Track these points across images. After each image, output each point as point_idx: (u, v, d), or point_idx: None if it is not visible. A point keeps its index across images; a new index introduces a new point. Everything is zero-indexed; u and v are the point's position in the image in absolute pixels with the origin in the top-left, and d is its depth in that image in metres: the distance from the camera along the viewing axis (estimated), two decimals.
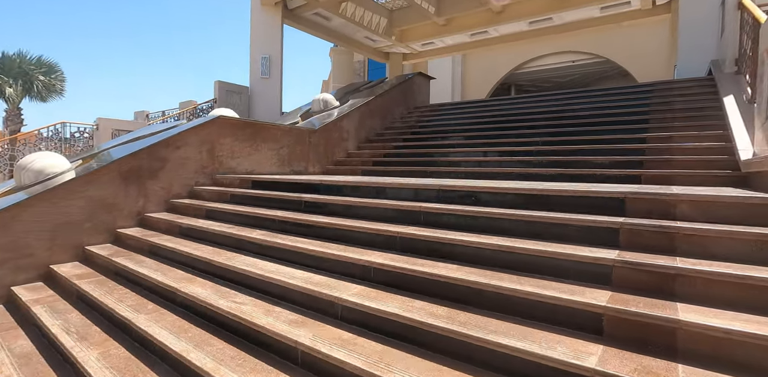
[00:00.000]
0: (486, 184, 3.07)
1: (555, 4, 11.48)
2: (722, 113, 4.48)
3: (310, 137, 6.07)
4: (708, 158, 3.85)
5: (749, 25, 4.49)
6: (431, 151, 5.83)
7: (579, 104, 6.05)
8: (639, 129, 4.77)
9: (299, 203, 3.64)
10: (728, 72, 5.07)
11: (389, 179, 3.84)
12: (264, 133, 5.48)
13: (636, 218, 2.20)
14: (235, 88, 11.76)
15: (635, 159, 4.17)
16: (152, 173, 4.42)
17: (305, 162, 6.03)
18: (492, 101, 7.68)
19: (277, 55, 12.02)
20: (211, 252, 3.20)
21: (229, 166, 5.11)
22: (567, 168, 4.37)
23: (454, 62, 18.94)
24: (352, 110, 6.78)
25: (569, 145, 4.87)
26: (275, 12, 12.05)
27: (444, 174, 5.05)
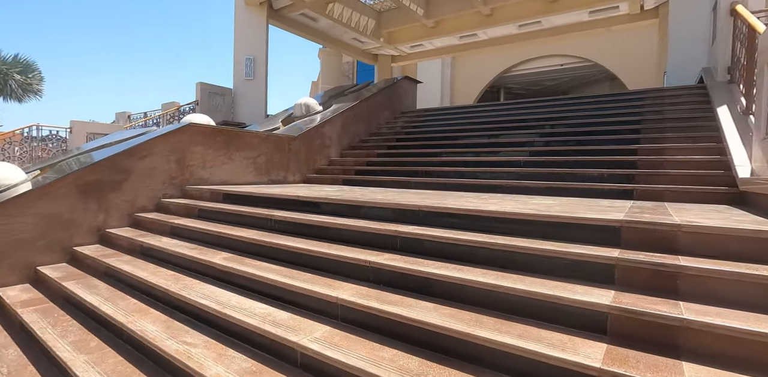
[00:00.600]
0: (469, 205, 2.82)
1: (544, 8, 11.32)
2: (716, 124, 4.30)
3: (290, 144, 5.78)
4: (703, 173, 3.65)
5: (743, 34, 4.32)
6: (416, 160, 5.57)
7: (569, 112, 5.84)
8: (631, 140, 4.57)
9: (269, 222, 3.35)
10: (721, 81, 4.90)
11: (367, 196, 3.57)
12: (239, 141, 5.17)
13: (633, 252, 1.96)
14: (218, 89, 11.39)
15: (627, 172, 3.96)
16: (115, 185, 4.09)
17: (284, 171, 5.73)
18: (480, 107, 7.47)
19: (261, 56, 11.68)
20: (170, 278, 2.90)
21: (201, 176, 4.79)
22: (557, 181, 4.15)
23: (444, 65, 18.75)
24: (335, 116, 6.49)
25: (559, 156, 4.65)
26: (260, 12, 11.70)
27: (428, 186, 4.79)
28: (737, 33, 4.58)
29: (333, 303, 2.15)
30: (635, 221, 2.08)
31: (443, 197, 3.54)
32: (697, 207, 2.98)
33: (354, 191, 4.23)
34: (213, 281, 2.81)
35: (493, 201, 3.18)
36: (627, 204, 3.17)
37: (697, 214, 2.46)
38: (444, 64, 18.76)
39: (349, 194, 3.72)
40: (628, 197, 3.68)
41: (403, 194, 3.83)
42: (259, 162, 5.41)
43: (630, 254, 1.90)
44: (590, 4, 10.88)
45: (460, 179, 4.71)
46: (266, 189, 4.37)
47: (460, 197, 3.59)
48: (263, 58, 11.68)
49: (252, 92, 11.62)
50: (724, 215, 2.45)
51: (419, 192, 4.25)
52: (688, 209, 2.78)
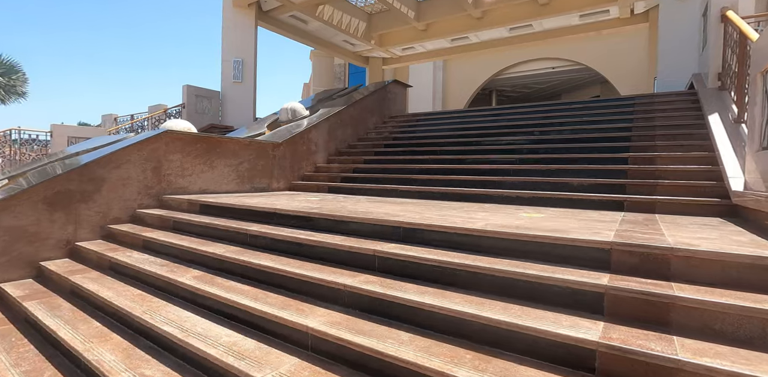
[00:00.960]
0: (452, 221, 2.67)
1: (535, 11, 11.25)
2: (707, 132, 4.21)
3: (274, 151, 5.60)
4: (695, 183, 3.53)
5: (734, 40, 4.23)
6: (403, 167, 5.42)
7: (559, 118, 5.73)
8: (621, 148, 4.46)
9: (245, 236, 3.18)
10: (711, 87, 4.81)
11: (348, 208, 3.41)
12: (220, 148, 4.99)
13: (624, 278, 1.82)
14: (205, 92, 11.16)
15: (617, 182, 3.84)
16: (86, 195, 3.89)
17: (268, 178, 5.55)
18: (469, 112, 7.34)
19: (250, 59, 11.48)
20: (136, 298, 2.72)
21: (179, 185, 4.60)
22: (545, 191, 4.02)
23: (436, 67, 18.66)
24: (321, 121, 6.32)
25: (548, 164, 4.52)
26: (248, 13, 11.50)
27: (415, 194, 4.64)
28: (728, 39, 4.49)
29: (303, 332, 1.99)
30: (626, 243, 1.94)
31: (428, 209, 3.40)
32: (690, 221, 2.85)
33: (337, 201, 4.07)
34: (181, 303, 2.64)
35: (480, 215, 3.04)
36: (618, 217, 3.05)
37: (691, 232, 2.33)
38: (436, 67, 18.67)
39: (330, 206, 3.56)
40: (618, 208, 3.56)
41: (386, 206, 3.68)
42: (241, 170, 5.22)
43: (620, 282, 1.76)
44: (581, 7, 10.84)
45: (447, 187, 4.56)
46: (246, 199, 4.19)
47: (446, 209, 3.45)
48: (252, 60, 11.49)
49: (240, 95, 11.41)
50: (720, 232, 2.33)
51: (404, 202, 4.10)
52: (681, 225, 2.65)
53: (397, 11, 11.93)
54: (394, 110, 7.96)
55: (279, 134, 6.00)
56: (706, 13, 5.17)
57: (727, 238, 2.13)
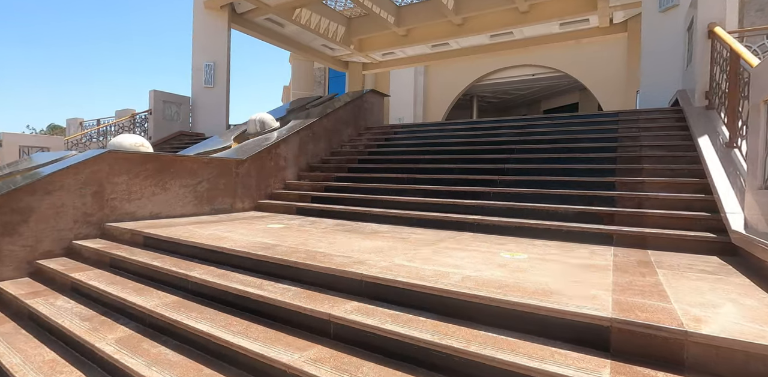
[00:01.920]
0: (424, 277, 2.28)
1: (515, 19, 11.03)
2: (696, 155, 3.94)
3: (237, 168, 5.12)
4: (687, 215, 3.24)
5: (723, 58, 3.98)
6: (376, 186, 5.02)
7: (541, 135, 5.42)
8: (607, 171, 4.16)
9: (186, 283, 2.72)
10: (698, 106, 4.57)
11: (307, 248, 2.98)
12: (175, 167, 4.49)
13: (627, 367, 1.46)
14: (174, 98, 10.54)
15: (604, 211, 3.52)
16: (9, 228, 3.36)
17: (231, 198, 5.07)
18: (447, 125, 6.98)
19: (223, 63, 10.91)
20: (45, 367, 2.24)
21: (126, 210, 4.09)
22: (527, 219, 3.68)
23: (417, 72, 18.35)
24: (291, 135, 5.87)
25: (531, 187, 4.19)
26: (221, 16, 10.93)
27: (387, 219, 4.25)
28: (716, 57, 4.24)
29: None
30: (628, 322, 1.58)
31: (400, 245, 3.00)
32: (687, 262, 2.54)
33: (301, 232, 3.64)
34: (98, 374, 2.17)
35: (457, 257, 2.65)
36: (608, 257, 2.72)
37: (695, 289, 1.99)
38: (417, 72, 18.37)
39: (290, 240, 3.13)
40: (607, 242, 3.24)
41: (354, 241, 3.26)
42: (199, 190, 4.73)
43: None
44: (561, 16, 10.66)
45: (425, 212, 4.18)
46: (198, 229, 3.72)
47: (421, 246, 3.06)
48: (225, 64, 10.91)
49: (212, 101, 10.82)
50: (727, 290, 2.00)
51: (376, 232, 3.70)
52: (680, 272, 2.32)
53: (377, 16, 11.55)
54: (371, 121, 7.56)
55: (244, 149, 5.52)
56: (692, 28, 4.94)
57: (740, 304, 1.80)
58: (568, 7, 10.40)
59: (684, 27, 5.40)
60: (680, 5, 5.64)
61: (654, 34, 6.13)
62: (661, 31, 5.98)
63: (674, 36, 5.69)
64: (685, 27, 5.27)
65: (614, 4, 9.92)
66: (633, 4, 9.94)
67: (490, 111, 23.23)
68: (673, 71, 5.67)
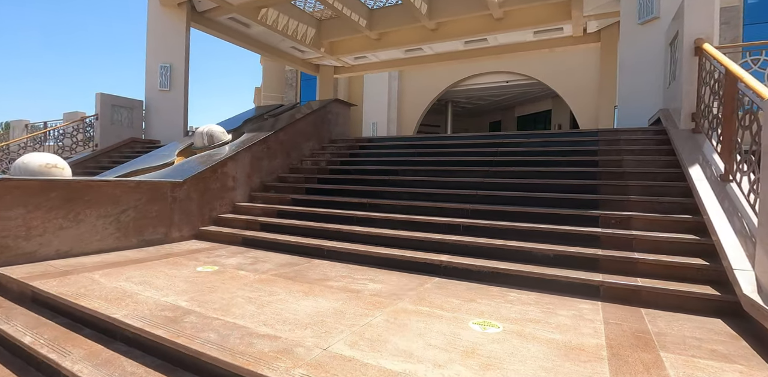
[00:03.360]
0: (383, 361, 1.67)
1: (489, 26, 10.62)
2: (687, 185, 3.50)
3: (174, 192, 4.39)
4: (685, 263, 2.76)
5: (715, 79, 3.55)
6: (336, 213, 4.39)
7: (517, 155, 4.91)
8: (590, 202, 3.68)
9: (58, 375, 2.02)
10: (684, 128, 4.15)
11: (210, 334, 2.33)
12: (90, 194, 3.73)
13: None
14: (125, 102, 9.58)
15: (589, 254, 3.01)
16: None
17: (165, 227, 4.33)
18: (417, 140, 6.38)
19: (180, 64, 10.01)
20: None
21: (23, 250, 3.32)
22: (501, 262, 3.14)
23: (391, 77, 17.82)
24: (241, 151, 5.16)
25: (504, 220, 3.66)
26: (179, 14, 10.03)
27: (346, 257, 3.63)
28: (705, 76, 3.82)
29: None
30: None
31: (347, 307, 2.39)
32: (695, 343, 2.03)
33: (233, 280, 2.97)
34: None
35: (412, 336, 2.06)
36: (599, 328, 2.19)
37: None
38: (391, 77, 17.83)
39: (211, 303, 2.46)
40: (594, 295, 2.72)
41: (291, 298, 2.63)
42: (124, 220, 3.98)
43: None
44: (535, 24, 10.31)
45: (384, 249, 3.58)
46: (104, 278, 2.99)
47: (373, 304, 2.45)
48: (182, 65, 10.02)
49: (168, 105, 9.91)
50: None
51: (324, 278, 3.07)
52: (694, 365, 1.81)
53: (348, 19, 10.90)
54: (336, 133, 6.90)
55: (185, 168, 4.78)
56: (675, 43, 4.54)
57: None
58: (543, 16, 10.07)
59: (665, 41, 5.01)
60: (661, 18, 5.25)
61: (632, 47, 5.74)
62: (640, 44, 5.59)
63: (654, 50, 5.30)
64: (667, 41, 4.87)
65: (588, 14, 9.63)
66: (607, 15, 9.69)
67: (465, 116, 22.95)
68: (653, 87, 5.27)
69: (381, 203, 4.40)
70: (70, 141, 9.31)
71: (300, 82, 18.96)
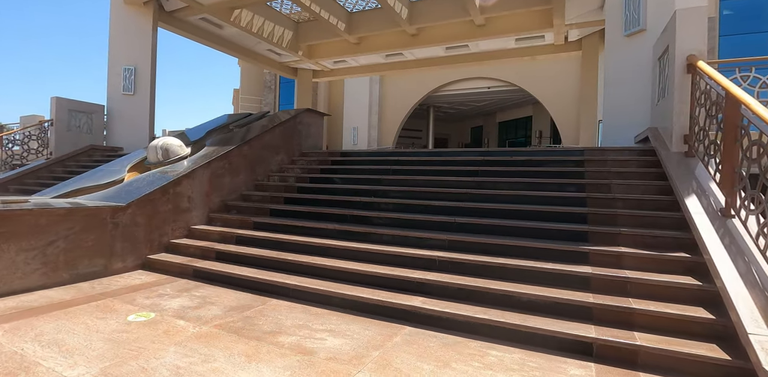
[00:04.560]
0: None
1: (471, 32, 10.30)
2: (682, 216, 3.17)
3: (115, 217, 3.84)
4: (688, 317, 2.40)
5: (712, 102, 3.23)
6: (301, 241, 3.92)
7: (498, 175, 4.51)
8: (577, 234, 3.31)
9: None
10: (676, 151, 3.84)
11: None
12: (8, 225, 3.16)
13: None
14: (84, 106, 8.85)
15: (580, 302, 2.63)
16: None
17: (105, 257, 3.78)
18: (393, 156, 5.90)
19: (146, 66, 9.34)
20: None
21: None
22: (481, 307, 2.74)
23: (372, 81, 17.40)
24: (198, 168, 4.63)
25: (487, 255, 3.26)
26: (145, 13, 9.37)
27: (308, 297, 3.17)
28: (699, 96, 3.51)
29: None
30: None
31: None
32: None
33: (165, 336, 2.47)
34: None
35: None
36: None
37: None
38: (372, 81, 17.42)
39: None
40: (586, 354, 2.34)
41: (227, 370, 2.16)
42: (52, 252, 3.42)
43: None
44: (517, 31, 10.05)
45: (351, 287, 3.14)
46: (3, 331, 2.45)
47: (329, 372, 2.01)
48: (148, 68, 9.35)
49: (132, 110, 9.22)
50: None
51: (276, 330, 2.60)
52: None
53: (326, 22, 10.40)
54: (307, 145, 6.40)
55: (130, 189, 4.23)
56: (664, 58, 4.23)
57: None
58: (524, 23, 9.80)
59: (653, 55, 4.72)
60: (648, 31, 4.96)
61: (618, 59, 5.45)
62: (626, 57, 5.30)
63: (641, 64, 5.00)
64: (655, 56, 4.57)
65: (570, 23, 9.40)
66: (588, 23, 9.48)
67: (446, 121, 22.70)
68: (640, 103, 4.98)
69: (351, 230, 3.95)
70: (21, 149, 8.53)
71: (279, 85, 18.34)
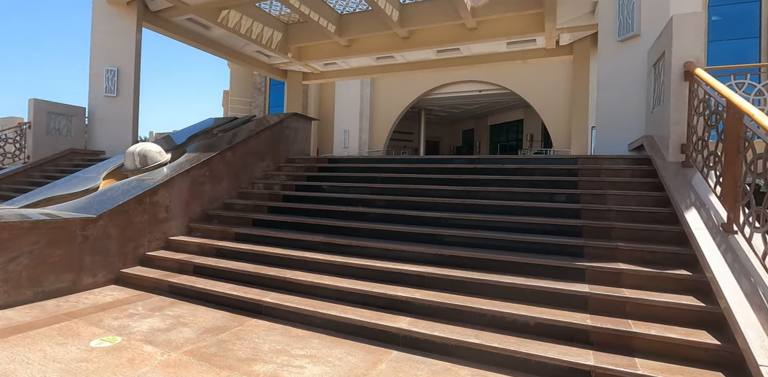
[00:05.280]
0: None
1: (462, 35, 10.18)
2: (681, 230, 3.03)
3: (85, 230, 3.59)
4: (692, 342, 2.24)
5: (712, 111, 3.10)
6: (280, 253, 3.70)
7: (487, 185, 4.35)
8: (572, 248, 3.15)
9: None
10: (672, 161, 3.70)
11: None
12: None
13: None
14: (63, 109, 8.52)
15: (576, 325, 2.46)
16: None
17: (73, 272, 3.53)
18: (381, 162, 5.67)
19: (129, 68, 9.04)
20: None
21: None
22: (473, 328, 2.56)
23: (364, 84, 17.25)
24: (177, 176, 4.39)
25: (478, 271, 3.08)
26: (129, 13, 9.08)
27: (280, 316, 2.96)
28: (697, 105, 3.38)
29: None
30: None
31: None
32: None
33: (128, 367, 2.25)
34: None
35: None
36: None
37: None
38: (364, 84, 17.26)
39: None
40: None
41: None
42: (14, 269, 3.16)
43: None
44: (508, 35, 9.95)
45: (334, 307, 2.94)
46: None
47: None
48: (132, 69, 9.06)
49: (115, 112, 8.92)
50: None
51: (252, 357, 2.40)
52: None
53: (316, 24, 10.20)
54: (294, 151, 6.18)
55: (103, 199, 3.98)
56: (660, 64, 4.11)
57: None
58: (516, 27, 9.71)
59: (648, 61, 4.60)
60: (642, 36, 4.85)
61: (611, 65, 5.33)
62: (620, 62, 5.18)
63: (635, 69, 4.89)
64: (651, 62, 4.45)
65: (561, 27, 9.31)
66: (580, 28, 9.42)
67: (438, 124, 22.60)
68: (634, 110, 4.86)
69: (336, 242, 3.75)
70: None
71: (269, 87, 18.08)
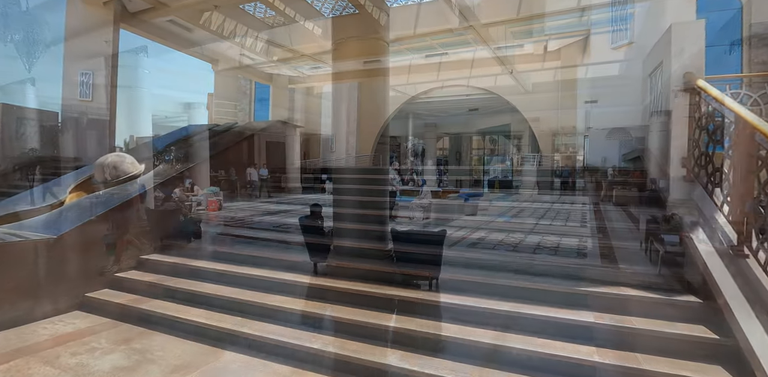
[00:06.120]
0: None
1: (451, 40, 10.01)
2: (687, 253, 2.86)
3: (46, 251, 3.25)
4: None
5: (716, 125, 2.94)
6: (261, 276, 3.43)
7: None
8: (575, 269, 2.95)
9: None
10: (674, 176, 3.54)
11: None
12: None
13: None
14: (33, 114, 8.05)
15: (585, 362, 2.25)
16: None
17: (31, 299, 3.17)
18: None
19: (106, 70, 8.59)
20: None
21: None
22: None
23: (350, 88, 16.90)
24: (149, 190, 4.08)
25: None
26: (105, 13, 8.64)
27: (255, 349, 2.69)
28: (700, 118, 3.22)
29: None
30: None
31: None
32: None
33: None
34: None
35: None
36: None
37: None
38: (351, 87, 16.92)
39: None
40: None
41: None
42: None
43: None
44: (496, 40, 9.81)
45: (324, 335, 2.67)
46: None
47: None
48: (108, 72, 8.60)
49: (90, 117, 8.45)
50: None
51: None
52: None
53: (302, 27, 9.92)
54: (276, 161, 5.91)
55: (70, 215, 3.64)
56: (657, 74, 3.96)
57: None
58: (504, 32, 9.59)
59: (643, 70, 4.46)
60: (636, 43, 4.71)
61: (603, 73, 5.19)
62: (613, 70, 5.05)
63: (629, 78, 4.75)
64: (646, 71, 4.31)
65: (549, 33, 9.23)
66: (568, 34, 9.34)
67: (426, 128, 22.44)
68: (628, 120, 4.72)
69: None
70: None
71: (254, 90, 17.64)
